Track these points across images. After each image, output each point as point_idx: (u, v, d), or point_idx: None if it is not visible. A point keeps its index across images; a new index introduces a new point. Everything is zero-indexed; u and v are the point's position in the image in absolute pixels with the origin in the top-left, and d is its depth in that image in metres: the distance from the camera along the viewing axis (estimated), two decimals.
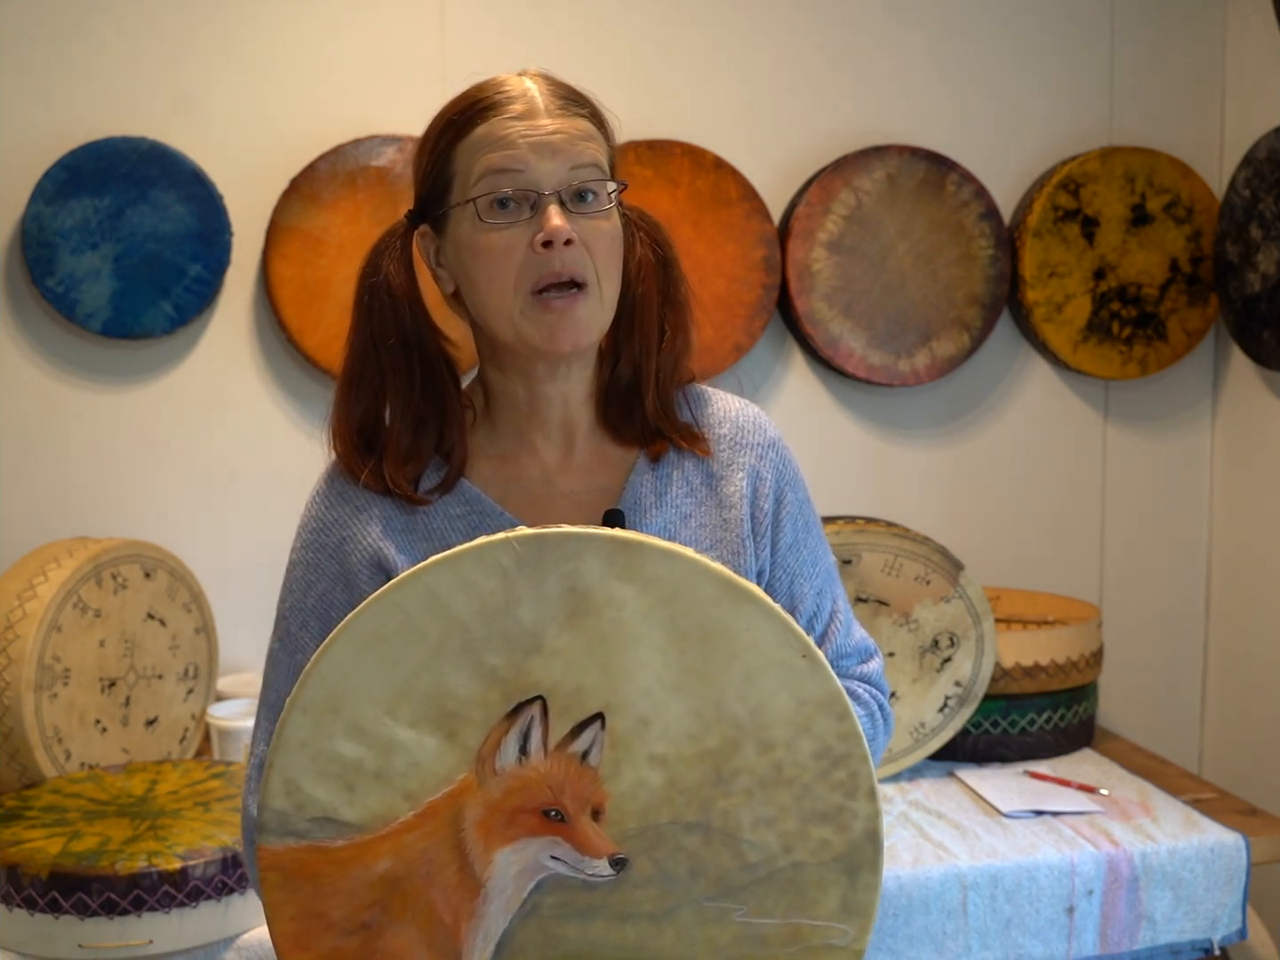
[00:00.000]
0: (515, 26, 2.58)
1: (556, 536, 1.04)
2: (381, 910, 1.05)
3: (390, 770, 1.04)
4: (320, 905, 1.05)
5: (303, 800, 1.04)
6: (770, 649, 1.03)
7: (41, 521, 2.43)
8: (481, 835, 1.04)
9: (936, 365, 2.72)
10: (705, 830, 1.04)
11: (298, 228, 2.47)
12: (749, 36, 2.67)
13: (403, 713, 1.03)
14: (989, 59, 2.76)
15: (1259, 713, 2.76)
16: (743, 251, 2.62)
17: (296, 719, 1.04)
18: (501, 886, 1.05)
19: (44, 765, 2.09)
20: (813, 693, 1.04)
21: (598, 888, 1.04)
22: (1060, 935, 2.04)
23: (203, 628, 2.39)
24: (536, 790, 1.04)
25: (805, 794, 1.04)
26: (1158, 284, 2.78)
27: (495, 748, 1.04)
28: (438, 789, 1.04)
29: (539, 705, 1.04)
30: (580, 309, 1.21)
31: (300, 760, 1.04)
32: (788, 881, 1.04)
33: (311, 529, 1.29)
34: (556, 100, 1.23)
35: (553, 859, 1.04)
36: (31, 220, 2.37)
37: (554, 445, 1.30)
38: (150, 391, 2.50)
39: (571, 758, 1.04)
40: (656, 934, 1.05)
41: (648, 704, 1.04)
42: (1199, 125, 2.84)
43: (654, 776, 1.04)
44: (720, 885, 1.04)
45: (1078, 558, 2.88)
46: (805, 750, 1.04)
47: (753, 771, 1.04)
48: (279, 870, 1.05)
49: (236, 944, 1.83)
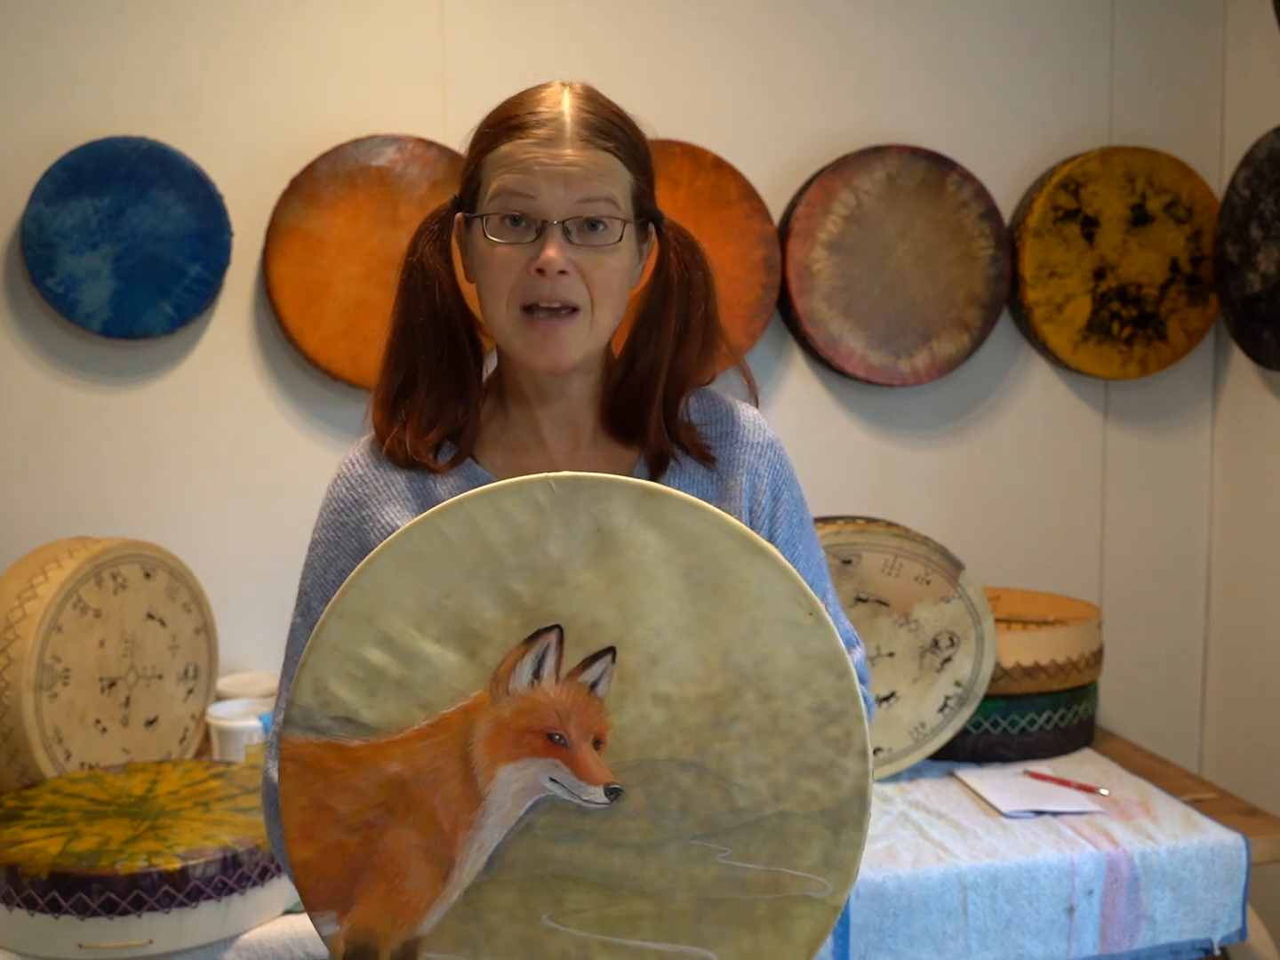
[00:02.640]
0: (515, 26, 2.58)
1: (590, 480, 1.10)
2: (386, 811, 1.11)
3: (411, 680, 1.10)
4: (330, 799, 1.11)
5: (328, 699, 1.11)
6: (779, 604, 1.08)
7: (41, 521, 2.43)
8: (488, 750, 1.10)
9: (936, 365, 2.72)
10: (699, 770, 1.08)
11: (298, 228, 2.47)
12: (749, 36, 2.67)
13: (430, 628, 1.10)
14: (989, 59, 2.76)
15: (1259, 713, 2.76)
16: (743, 251, 2.62)
17: (333, 624, 1.11)
18: (501, 801, 1.10)
19: (44, 765, 2.09)
20: (815, 649, 1.08)
21: (590, 814, 1.09)
22: (1060, 935, 2.04)
23: (203, 628, 2.39)
24: (544, 713, 1.09)
25: (799, 746, 1.08)
26: (1158, 284, 2.78)
27: (511, 669, 1.09)
28: (453, 702, 1.10)
29: (556, 634, 1.09)
30: (565, 331, 1.27)
31: (331, 662, 1.11)
32: (773, 830, 1.08)
33: (333, 509, 1.34)
34: (584, 130, 1.28)
35: (552, 781, 1.09)
36: (31, 220, 2.37)
37: (561, 440, 1.36)
38: (150, 391, 2.50)
39: (580, 687, 1.09)
40: (641, 865, 1.09)
41: (658, 644, 1.09)
42: (1199, 125, 2.84)
43: (656, 713, 1.08)
44: (708, 825, 1.08)
45: (1078, 558, 2.88)
46: (803, 703, 1.08)
47: (751, 719, 1.08)
48: (297, 762, 1.11)
49: (236, 944, 1.83)
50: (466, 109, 2.61)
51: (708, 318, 1.38)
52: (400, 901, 1.11)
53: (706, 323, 1.37)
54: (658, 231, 1.36)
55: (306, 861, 1.12)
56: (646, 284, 1.37)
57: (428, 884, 1.10)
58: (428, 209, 2.50)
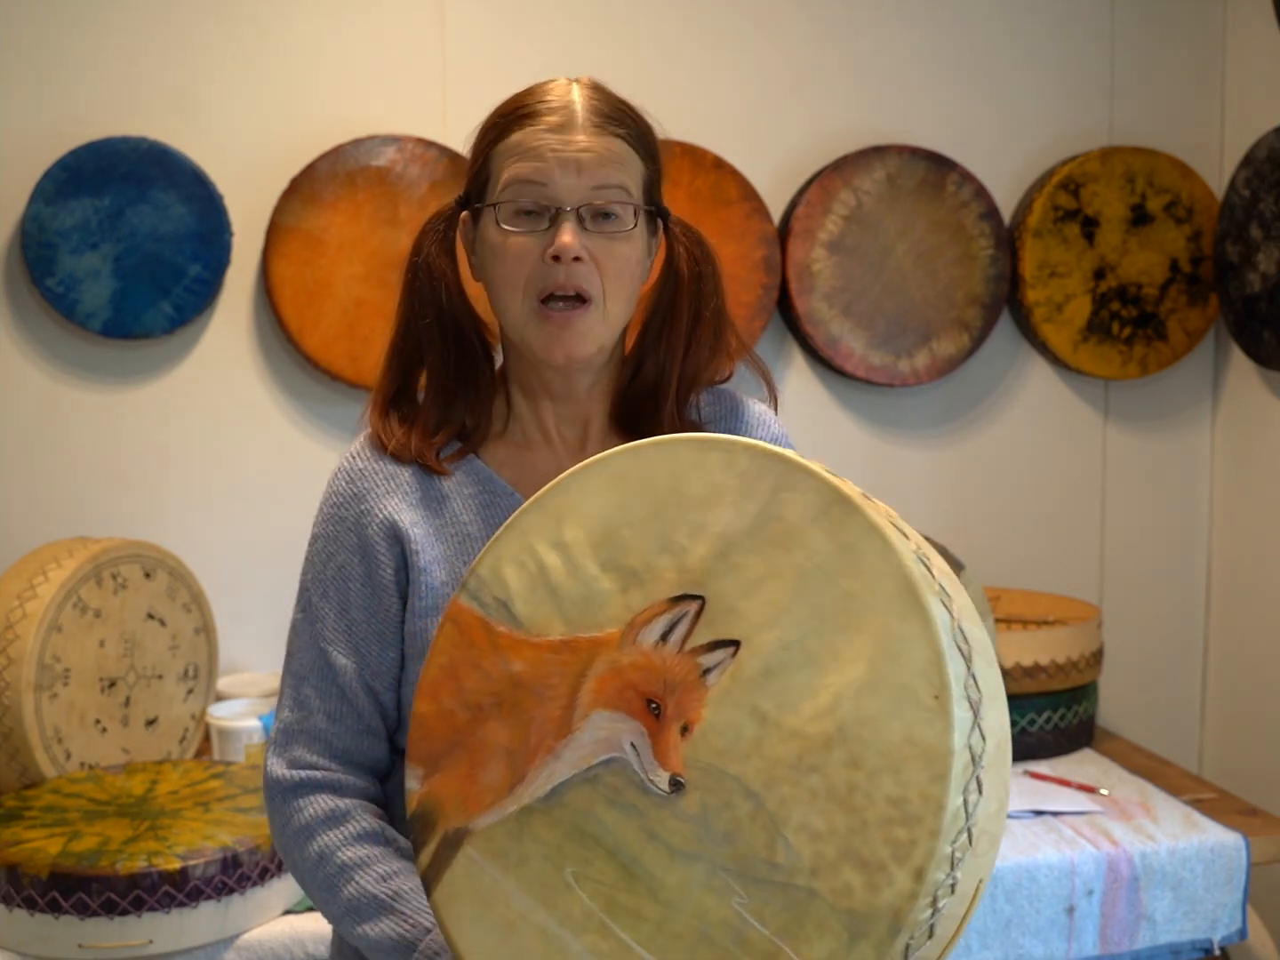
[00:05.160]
0: (515, 26, 2.58)
1: (796, 464, 1.06)
2: (496, 703, 1.12)
3: (566, 592, 1.11)
4: (461, 671, 1.14)
5: (498, 579, 1.14)
6: (909, 671, 0.99)
7: (41, 521, 2.43)
8: (595, 689, 1.09)
9: (936, 365, 2.72)
10: (758, 805, 1.02)
11: (298, 228, 2.47)
12: (749, 36, 2.67)
13: (601, 551, 1.11)
14: (989, 59, 2.76)
15: (1259, 713, 2.76)
16: (743, 251, 2.62)
17: (531, 512, 1.14)
18: (583, 741, 1.09)
19: (44, 765, 2.09)
20: (923, 738, 0.98)
21: (649, 795, 1.06)
22: (1060, 935, 2.04)
23: (203, 628, 2.39)
24: (653, 677, 1.07)
25: (859, 830, 0.98)
26: (1158, 284, 2.78)
27: (646, 622, 1.08)
28: (589, 630, 1.10)
29: (698, 605, 1.07)
30: (579, 321, 1.26)
31: (515, 547, 1.14)
32: (795, 903, 1.00)
33: (332, 504, 1.33)
34: (596, 117, 1.27)
35: (631, 746, 1.07)
36: (31, 220, 2.37)
37: (568, 437, 1.35)
38: (150, 391, 2.50)
39: (696, 667, 1.06)
40: (666, 869, 1.05)
41: (781, 658, 1.03)
42: (1199, 125, 2.84)
43: (748, 727, 1.03)
44: (741, 864, 1.02)
45: (1078, 558, 2.88)
46: (884, 789, 0.98)
47: (827, 778, 1.00)
48: (455, 624, 1.15)
49: (236, 944, 1.83)
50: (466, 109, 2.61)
51: (718, 313, 1.36)
52: (471, 789, 1.12)
53: (717, 318, 1.36)
54: (665, 227, 1.35)
55: (423, 715, 1.15)
56: (656, 281, 1.36)
57: (497, 785, 1.11)
58: (428, 209, 2.52)
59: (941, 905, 0.97)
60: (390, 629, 1.30)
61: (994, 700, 1.03)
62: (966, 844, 0.98)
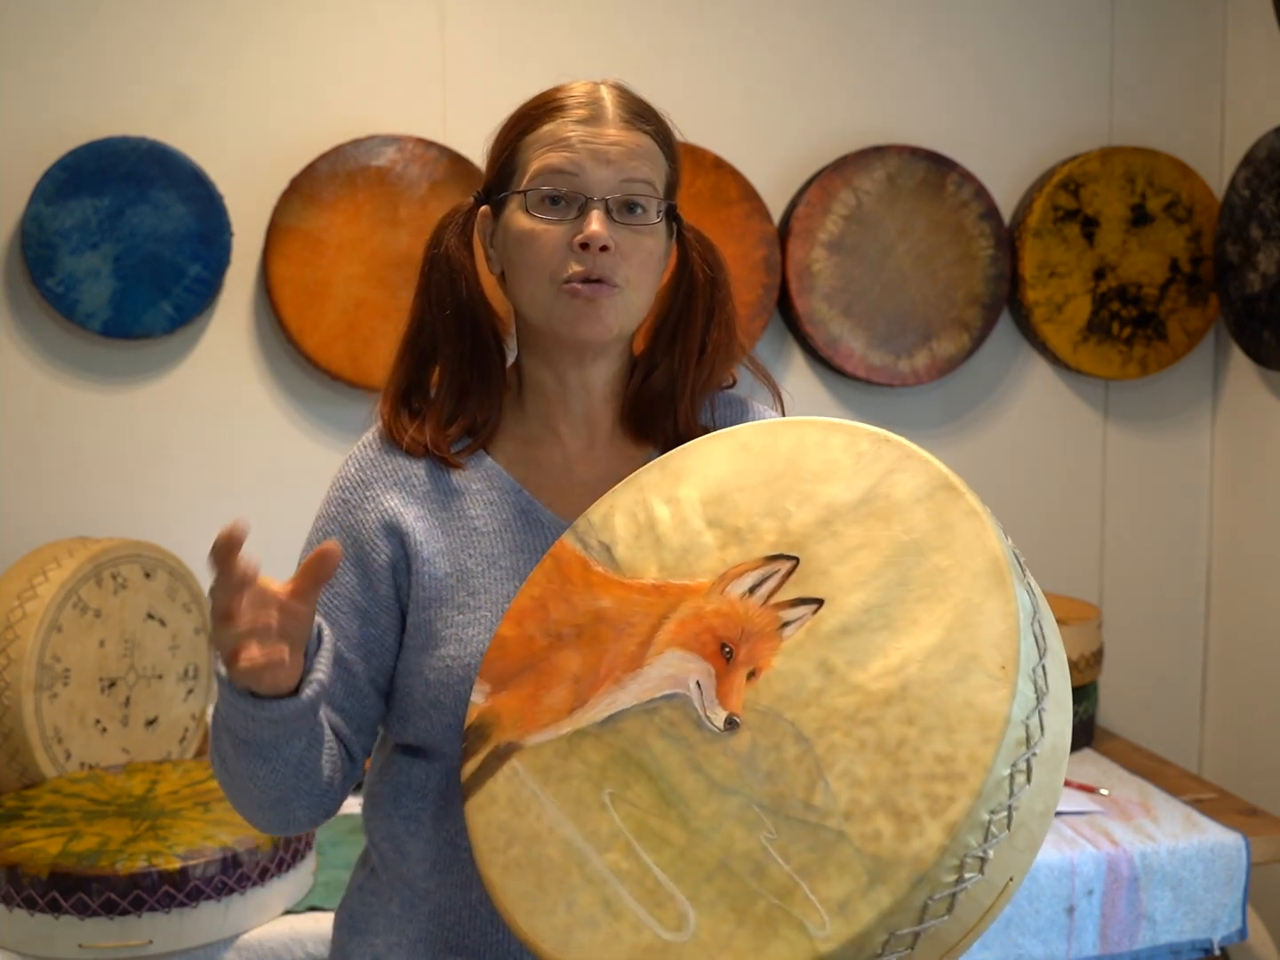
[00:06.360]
0: (515, 26, 2.58)
1: (914, 451, 1.11)
2: (576, 634, 1.17)
3: (669, 542, 1.16)
4: (551, 603, 1.19)
5: (607, 525, 1.20)
6: (980, 641, 1.01)
7: (41, 521, 2.43)
8: (674, 629, 1.13)
9: (936, 365, 2.72)
10: (806, 749, 1.04)
11: (298, 228, 2.47)
12: (749, 36, 2.67)
13: (710, 510, 1.16)
14: (989, 59, 2.76)
15: (1259, 713, 2.76)
16: (743, 252, 2.62)
17: (653, 470, 1.21)
18: (650, 675, 1.12)
19: (44, 765, 2.09)
20: (983, 703, 0.99)
21: (702, 730, 1.08)
22: (1060, 935, 2.04)
23: (203, 628, 2.39)
24: (732, 624, 1.10)
25: (901, 781, 0.99)
26: (1158, 284, 2.78)
27: (738, 575, 1.12)
28: (682, 578, 1.14)
29: (790, 565, 1.11)
30: (605, 301, 1.27)
31: (629, 499, 1.21)
32: (821, 844, 1.01)
33: (339, 487, 1.35)
34: (624, 112, 1.30)
35: (696, 684, 1.10)
36: (31, 220, 2.37)
37: (577, 435, 1.35)
38: (150, 391, 2.50)
39: (775, 620, 1.09)
40: (702, 800, 1.07)
41: (860, 620, 1.06)
42: (1199, 125, 2.84)
43: (814, 679, 1.06)
44: (777, 801, 1.04)
45: (1078, 558, 2.88)
46: (934, 746, 0.99)
47: (880, 730, 1.02)
48: (555, 560, 1.21)
49: (236, 944, 1.83)
50: (466, 109, 2.64)
51: (730, 319, 1.38)
52: (532, 709, 1.15)
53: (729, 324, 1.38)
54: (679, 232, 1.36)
55: (504, 638, 1.19)
56: (668, 285, 1.37)
57: (558, 707, 1.14)
58: (428, 209, 2.52)
59: (968, 878, 0.97)
60: (376, 608, 1.30)
61: (1059, 706, 1.04)
62: (1005, 825, 0.98)
